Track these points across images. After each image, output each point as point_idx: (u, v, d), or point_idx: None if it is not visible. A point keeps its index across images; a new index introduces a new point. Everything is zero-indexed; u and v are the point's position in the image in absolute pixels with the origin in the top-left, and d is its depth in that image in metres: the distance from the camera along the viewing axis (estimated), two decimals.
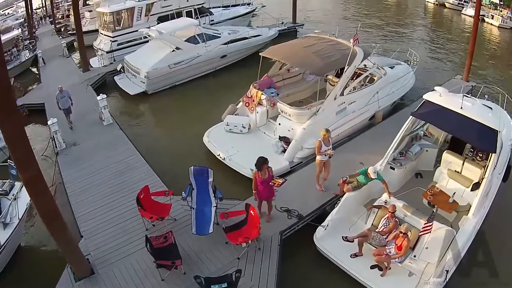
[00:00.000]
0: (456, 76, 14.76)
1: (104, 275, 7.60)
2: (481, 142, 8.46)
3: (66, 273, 7.59)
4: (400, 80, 12.77)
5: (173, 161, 10.89)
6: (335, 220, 8.14)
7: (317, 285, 7.71)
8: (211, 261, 7.78)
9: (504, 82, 15.63)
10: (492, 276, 7.72)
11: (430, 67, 16.91)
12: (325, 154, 8.76)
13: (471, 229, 7.86)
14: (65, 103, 11.66)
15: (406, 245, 7.19)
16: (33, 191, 6.64)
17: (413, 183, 9.46)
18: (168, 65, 14.11)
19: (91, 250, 8.10)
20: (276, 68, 12.21)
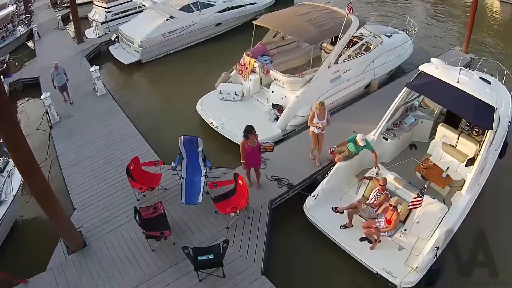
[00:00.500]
0: (455, 47, 13.57)
1: (96, 247, 7.18)
2: (477, 118, 7.66)
3: (60, 247, 7.19)
4: (397, 49, 11.69)
5: (166, 130, 10.16)
6: (326, 190, 7.53)
7: (306, 255, 7.19)
8: (201, 231, 7.25)
9: (504, 57, 14.39)
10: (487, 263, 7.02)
11: (429, 37, 15.62)
12: (316, 127, 7.95)
13: (464, 206, 7.19)
14: (61, 80, 10.69)
15: (395, 219, 6.57)
16: (23, 170, 6.34)
17: (407, 155, 8.77)
18: (162, 34, 13.10)
19: (84, 222, 7.64)
20: (270, 35, 11.19)
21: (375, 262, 6.66)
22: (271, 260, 6.97)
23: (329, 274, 6.92)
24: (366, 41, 11.02)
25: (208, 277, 6.46)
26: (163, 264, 6.76)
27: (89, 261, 6.95)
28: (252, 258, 6.72)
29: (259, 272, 6.48)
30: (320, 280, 6.82)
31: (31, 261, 7.33)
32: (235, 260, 6.72)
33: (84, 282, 6.61)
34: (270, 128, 9.42)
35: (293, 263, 7.07)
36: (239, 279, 6.44)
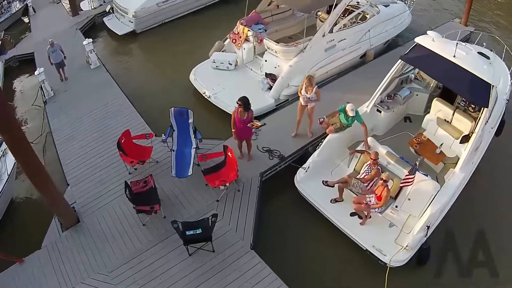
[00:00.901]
0: (454, 19, 12.29)
1: (89, 222, 6.75)
2: (473, 95, 6.89)
3: (54, 223, 6.78)
4: (395, 19, 10.59)
5: (161, 101, 9.34)
6: (317, 162, 6.91)
7: (297, 228, 6.71)
8: (191, 204, 6.75)
9: (506, 32, 13.11)
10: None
11: (428, 8, 14.23)
12: (302, 98, 7.23)
13: (457, 184, 6.59)
14: (57, 57, 9.70)
15: (385, 195, 5.97)
16: (14, 150, 5.96)
17: (401, 128, 8.06)
18: (156, 4, 11.95)
19: (77, 198, 7.17)
20: (264, 4, 10.10)
21: (365, 238, 6.20)
22: (261, 233, 6.52)
23: (319, 248, 6.47)
24: (363, 10, 9.93)
25: (197, 251, 6.03)
26: (153, 238, 6.34)
27: (82, 237, 6.55)
28: (242, 232, 6.26)
29: (248, 247, 6.05)
30: (310, 254, 6.39)
31: (27, 239, 6.95)
32: (225, 234, 6.27)
33: (77, 258, 6.26)
34: (263, 97, 8.68)
35: (284, 237, 6.61)
36: (228, 254, 6.02)
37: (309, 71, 8.75)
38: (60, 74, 9.97)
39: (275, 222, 6.81)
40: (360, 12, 9.98)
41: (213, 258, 5.98)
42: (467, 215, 6.88)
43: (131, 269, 6.01)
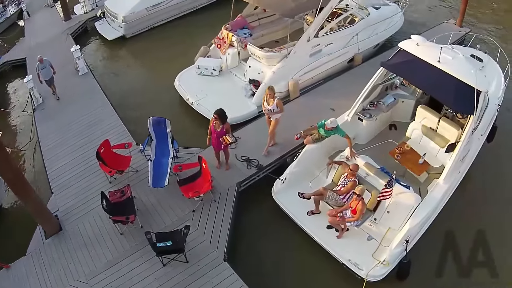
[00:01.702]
0: (449, 20, 11.98)
1: (70, 231, 6.85)
2: (457, 102, 6.56)
3: (38, 231, 6.90)
4: (385, 22, 10.37)
5: (147, 108, 9.35)
6: (294, 174, 6.81)
7: (273, 240, 6.64)
8: (168, 214, 6.77)
9: (501, 33, 12.73)
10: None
11: (423, 8, 13.88)
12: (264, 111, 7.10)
13: (440, 197, 6.33)
14: (47, 73, 9.35)
15: (360, 209, 5.82)
16: None
17: (385, 136, 7.84)
18: (145, 8, 11.99)
19: (60, 206, 7.28)
20: (251, 7, 9.99)
21: (342, 252, 6.07)
22: (237, 244, 6.52)
23: (295, 261, 6.39)
24: (351, 13, 9.77)
25: (171, 262, 6.05)
26: (130, 247, 6.40)
27: (64, 245, 6.67)
28: (216, 243, 6.25)
29: (221, 258, 6.03)
30: (285, 267, 6.32)
31: (15, 245, 7.05)
32: (199, 245, 6.27)
33: (58, 265, 6.37)
34: (246, 104, 8.63)
35: (260, 248, 6.56)
36: (201, 265, 6.02)
37: (293, 77, 8.68)
38: (52, 89, 9.70)
39: (252, 233, 6.78)
40: (348, 15, 9.83)
41: (187, 269, 6.00)
42: (455, 225, 6.74)
43: (109, 277, 6.09)
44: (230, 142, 6.50)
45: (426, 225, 6.39)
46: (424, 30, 11.70)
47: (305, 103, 8.12)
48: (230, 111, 8.16)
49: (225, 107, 8.29)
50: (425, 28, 11.99)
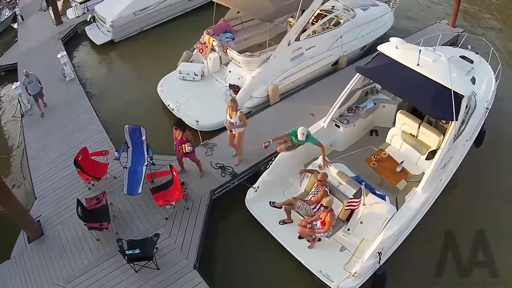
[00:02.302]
0: (442, 20, 11.79)
1: (51, 236, 7.10)
2: (435, 108, 6.28)
3: (22, 235, 7.15)
4: (373, 23, 10.30)
5: (130, 114, 9.57)
6: (267, 182, 6.83)
7: (246, 249, 6.71)
8: (142, 221, 6.94)
9: (496, 33, 12.49)
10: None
11: (416, 9, 13.66)
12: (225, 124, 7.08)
13: (417, 206, 6.20)
14: (34, 88, 9.22)
15: (329, 221, 5.78)
16: None
17: (365, 142, 7.77)
18: (133, 12, 12.15)
19: (43, 211, 7.51)
20: (233, 11, 10.04)
21: (313, 262, 6.02)
22: (209, 252, 6.63)
23: (267, 271, 6.42)
24: (336, 15, 9.73)
25: (143, 268, 6.21)
26: (105, 254, 6.59)
27: (45, 249, 6.91)
28: (186, 251, 6.37)
29: (191, 266, 6.16)
30: (256, 277, 6.37)
31: (2, 248, 7.31)
32: (170, 252, 6.42)
33: (39, 269, 6.62)
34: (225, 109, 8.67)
35: (232, 257, 6.66)
36: (171, 272, 6.16)
37: (273, 81, 8.71)
38: (39, 107, 9.57)
39: (225, 241, 6.88)
40: (333, 18, 9.78)
41: (157, 276, 6.15)
42: (441, 233, 6.74)
43: (85, 281, 6.31)
44: (186, 151, 6.62)
45: (404, 235, 6.31)
46: (415, 31, 11.60)
47: (284, 108, 8.13)
48: (209, 117, 8.40)
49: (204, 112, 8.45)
50: (417, 29, 11.87)
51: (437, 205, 6.91)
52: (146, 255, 5.98)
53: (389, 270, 5.94)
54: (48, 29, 13.36)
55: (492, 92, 8.20)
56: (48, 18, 14.03)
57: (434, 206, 6.88)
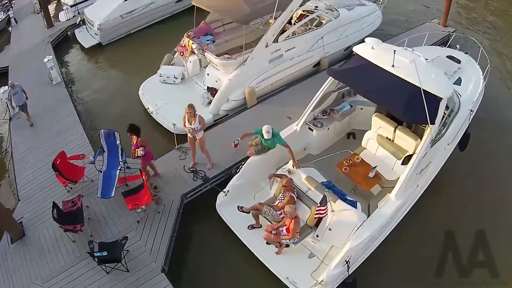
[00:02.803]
0: (432, 19, 11.66)
1: (32, 237, 7.42)
2: (409, 111, 6.10)
3: (5, 236, 7.48)
4: (358, 23, 10.29)
5: (113, 117, 9.86)
6: (237, 186, 6.91)
7: (216, 253, 6.86)
8: (115, 224, 7.18)
9: (489, 32, 12.34)
10: None
11: (407, 8, 13.54)
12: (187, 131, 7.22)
13: (389, 213, 6.10)
14: (20, 99, 9.33)
15: (293, 228, 5.80)
16: None
17: (342, 145, 7.74)
18: (120, 15, 12.42)
19: (25, 213, 7.83)
20: (215, 13, 10.12)
21: (280, 268, 6.03)
22: (180, 256, 6.82)
23: (236, 276, 6.54)
24: (317, 15, 9.76)
25: (115, 270, 6.44)
26: (80, 255, 6.85)
27: (26, 250, 7.23)
28: (155, 254, 6.57)
29: (159, 269, 6.36)
30: (225, 281, 6.52)
31: None
32: (140, 255, 6.64)
33: (20, 269, 6.94)
34: (202, 112, 8.66)
35: (201, 261, 6.83)
36: (141, 274, 6.39)
37: (250, 84, 8.80)
38: (27, 115, 9.71)
39: (196, 245, 7.06)
40: (315, 18, 9.80)
41: (127, 278, 6.38)
42: (421, 238, 6.79)
43: (61, 281, 6.60)
44: (138, 155, 6.85)
45: (377, 242, 6.29)
46: (404, 31, 11.50)
47: (261, 111, 8.22)
48: None
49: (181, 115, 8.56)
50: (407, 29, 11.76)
51: (418, 209, 6.96)
52: (114, 258, 6.21)
53: (364, 277, 5.98)
54: (40, 32, 13.73)
55: (479, 93, 8.09)
56: (40, 21, 14.35)
57: (414, 210, 6.91)
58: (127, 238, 6.41)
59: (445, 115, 6.92)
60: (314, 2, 10.21)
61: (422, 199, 7.07)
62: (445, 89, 6.53)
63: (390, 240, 6.57)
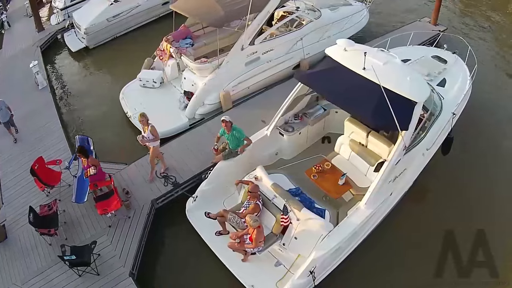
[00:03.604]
0: (423, 18, 11.56)
1: (12, 239, 7.81)
2: (376, 117, 5.99)
3: None
4: (341, 23, 10.29)
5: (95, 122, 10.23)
6: (205, 192, 7.03)
7: (185, 258, 7.08)
8: (89, 228, 7.52)
9: (482, 32, 12.17)
10: None
11: (397, 6, 13.45)
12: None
13: (358, 223, 6.03)
14: (5, 116, 9.37)
15: (255, 238, 5.89)
16: None
17: (316, 149, 7.73)
18: (106, 19, 12.76)
19: (7, 216, 8.23)
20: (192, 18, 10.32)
21: (246, 276, 6.10)
22: (150, 260, 7.10)
23: (204, 282, 6.74)
24: (297, 15, 9.83)
25: (85, 274, 6.78)
26: (55, 258, 7.13)
27: (7, 252, 7.65)
28: (124, 258, 6.87)
29: (127, 274, 6.63)
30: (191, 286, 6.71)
31: None
32: (110, 259, 6.95)
33: (2, 272, 7.33)
34: (179, 116, 9.09)
35: (171, 266, 7.08)
36: (110, 278, 6.70)
37: (225, 88, 8.97)
38: (11, 133, 9.73)
39: (167, 249, 7.32)
40: (295, 19, 9.88)
41: (97, 281, 6.68)
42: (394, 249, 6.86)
43: (38, 283, 6.96)
44: (90, 174, 7.12)
45: (347, 252, 6.31)
46: (391, 30, 11.46)
47: (236, 115, 8.29)
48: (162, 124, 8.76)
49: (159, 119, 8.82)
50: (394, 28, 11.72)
51: (397, 215, 7.05)
52: (83, 261, 6.54)
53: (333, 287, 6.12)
54: (30, 36, 14.19)
55: (464, 95, 7.99)
56: (32, 25, 14.80)
57: (393, 216, 6.97)
58: (95, 242, 6.76)
59: (424, 119, 6.85)
60: (296, 3, 10.26)
61: (402, 204, 7.10)
62: (421, 92, 6.39)
63: (366, 248, 6.63)
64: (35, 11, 14.09)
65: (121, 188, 7.80)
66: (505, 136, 8.97)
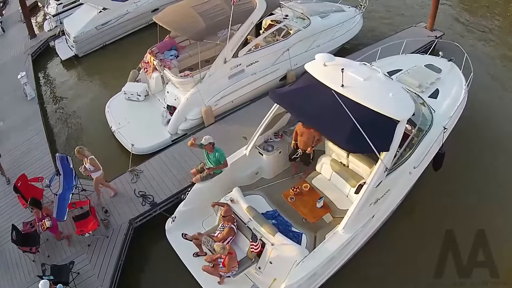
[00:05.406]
0: (419, 23, 11.51)
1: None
2: (352, 140, 5.83)
3: None
4: (331, 31, 10.32)
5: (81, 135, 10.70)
6: (183, 213, 7.26)
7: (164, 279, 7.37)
8: (69, 247, 7.91)
9: (480, 37, 12.04)
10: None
11: (391, 11, 13.41)
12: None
13: (334, 249, 6.07)
14: None
15: (228, 264, 6.10)
16: None
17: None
18: (95, 27, 13.16)
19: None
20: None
21: None
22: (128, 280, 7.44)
23: None
24: (285, 24, 9.94)
25: None
26: (37, 274, 7.56)
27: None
28: (102, 278, 7.23)
29: None
30: None
31: None
32: (89, 278, 7.34)
33: None
34: (161, 132, 9.33)
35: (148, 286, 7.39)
36: None
37: (207, 102, 9.18)
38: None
39: (145, 270, 7.66)
40: (282, 28, 9.99)
41: None
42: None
43: None
44: (47, 226, 7.41)
45: (325, 276, 6.39)
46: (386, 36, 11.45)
47: (217, 131, 8.56)
48: (145, 140, 9.12)
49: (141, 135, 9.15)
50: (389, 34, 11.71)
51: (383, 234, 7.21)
52: (62, 281, 6.92)
53: None
54: (23, 42, 14.66)
55: (458, 106, 7.94)
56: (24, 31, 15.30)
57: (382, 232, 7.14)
58: (73, 262, 7.18)
59: (411, 135, 6.87)
60: (284, 11, 10.31)
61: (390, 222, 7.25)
62: (403, 110, 6.31)
63: (350, 268, 6.81)
64: (27, 18, 14.57)
65: (100, 206, 8.18)
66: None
